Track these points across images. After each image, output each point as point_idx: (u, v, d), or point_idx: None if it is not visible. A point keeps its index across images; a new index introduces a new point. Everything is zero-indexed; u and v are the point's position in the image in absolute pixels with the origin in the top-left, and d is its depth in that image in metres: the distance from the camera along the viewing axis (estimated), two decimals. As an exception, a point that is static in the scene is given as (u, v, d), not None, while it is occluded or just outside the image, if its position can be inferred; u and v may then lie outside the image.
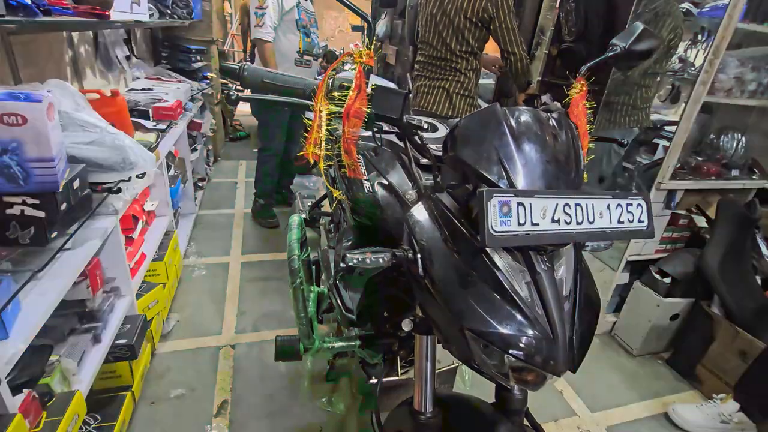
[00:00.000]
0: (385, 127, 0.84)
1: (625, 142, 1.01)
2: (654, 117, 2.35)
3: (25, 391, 0.97)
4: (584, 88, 0.89)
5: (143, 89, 2.54)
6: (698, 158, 2.05)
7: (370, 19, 0.78)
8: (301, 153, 0.67)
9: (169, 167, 2.31)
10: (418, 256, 0.67)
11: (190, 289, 2.27)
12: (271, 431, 1.53)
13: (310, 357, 1.05)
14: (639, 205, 0.66)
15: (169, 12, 2.46)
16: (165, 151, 2.08)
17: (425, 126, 0.79)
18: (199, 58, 3.38)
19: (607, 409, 1.78)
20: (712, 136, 2.08)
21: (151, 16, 2.03)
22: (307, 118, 0.66)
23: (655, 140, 2.27)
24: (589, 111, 0.91)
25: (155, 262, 1.92)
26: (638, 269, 2.11)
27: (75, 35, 1.96)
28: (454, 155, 0.66)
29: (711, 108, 1.96)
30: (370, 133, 1.01)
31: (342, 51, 6.33)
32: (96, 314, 1.36)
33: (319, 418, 1.60)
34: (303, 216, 1.72)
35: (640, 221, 0.66)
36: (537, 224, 0.57)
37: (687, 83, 1.99)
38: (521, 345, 0.59)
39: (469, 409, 0.89)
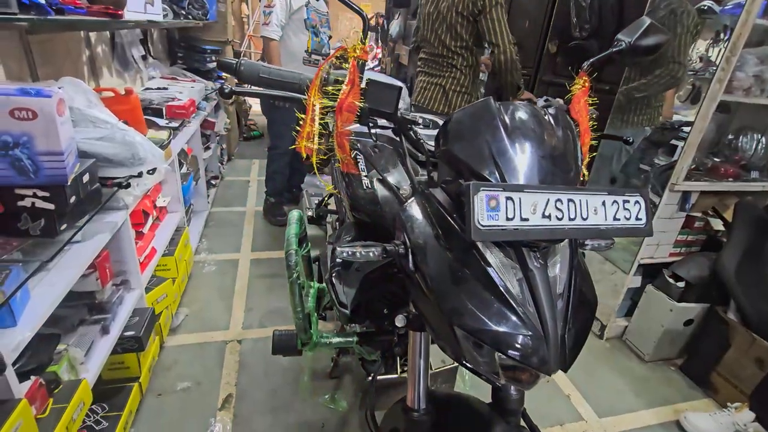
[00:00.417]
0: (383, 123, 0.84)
1: (631, 141, 0.99)
2: (674, 117, 2.30)
3: (33, 377, 1.00)
4: (587, 84, 0.87)
5: (158, 88, 2.60)
6: (715, 159, 1.99)
7: (365, 15, 0.78)
8: (292, 146, 0.67)
9: (181, 165, 2.35)
10: (409, 251, 0.67)
11: (200, 285, 2.31)
12: (273, 426, 1.54)
13: (309, 352, 1.05)
14: (636, 202, 0.64)
15: (184, 13, 2.50)
16: (177, 149, 2.12)
17: (419, 121, 0.79)
18: (214, 58, 3.44)
19: (616, 414, 1.74)
20: (730, 137, 2.02)
21: (165, 16, 2.07)
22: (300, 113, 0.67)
23: (674, 141, 2.21)
24: (592, 107, 0.89)
25: (166, 257, 1.96)
26: (651, 272, 2.06)
27: (92, 35, 2.02)
28: (446, 149, 0.65)
29: (729, 107, 1.91)
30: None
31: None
32: (105, 306, 1.40)
33: (322, 415, 1.60)
34: (309, 213, 1.74)
35: (637, 219, 0.64)
36: (526, 219, 0.56)
37: (708, 83, 1.93)
38: (511, 343, 0.58)
39: (464, 409, 0.88)
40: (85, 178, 1.15)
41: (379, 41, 5.82)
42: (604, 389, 1.86)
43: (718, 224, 2.04)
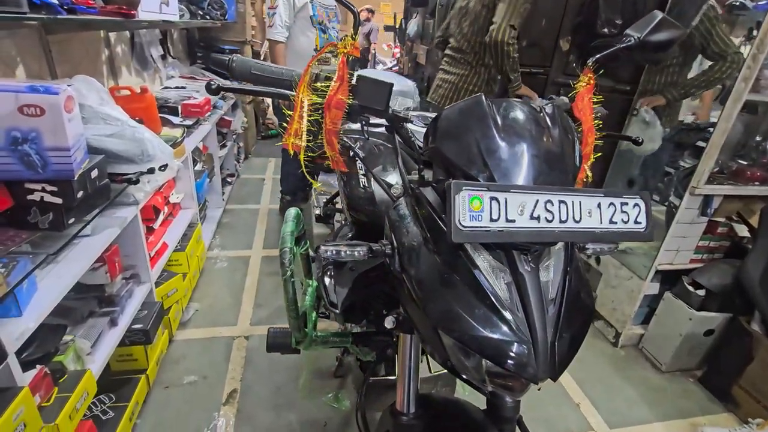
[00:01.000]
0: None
1: (641, 141, 0.94)
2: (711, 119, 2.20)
3: (38, 366, 1.03)
4: (591, 82, 0.84)
5: (176, 87, 2.66)
6: (741, 162, 1.89)
7: (356, 10, 0.78)
8: (279, 143, 0.67)
9: (195, 162, 2.39)
10: (396, 251, 0.65)
11: (212, 280, 2.34)
12: (276, 423, 1.55)
13: (305, 350, 1.05)
14: (636, 204, 0.61)
15: (201, 13, 2.55)
16: (191, 147, 2.15)
17: (412, 118, 0.77)
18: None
19: (627, 426, 1.68)
20: (758, 138, 1.92)
21: (181, 16, 2.11)
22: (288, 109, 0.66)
23: (701, 143, 2.13)
24: (597, 105, 0.85)
25: (177, 253, 1.99)
26: (670, 279, 1.98)
27: (112, 35, 2.07)
28: (435, 147, 0.63)
29: (756, 108, 1.81)
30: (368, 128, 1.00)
31: (373, 51, 6.37)
32: (114, 299, 1.43)
33: (325, 414, 1.60)
34: (317, 212, 1.74)
35: (636, 222, 0.61)
36: (513, 221, 0.54)
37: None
38: (496, 349, 0.56)
39: (458, 414, 0.86)
40: (94, 173, 1.17)
41: (397, 41, 5.82)
42: (617, 399, 1.80)
43: (743, 230, 1.95)
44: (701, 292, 1.85)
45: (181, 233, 2.06)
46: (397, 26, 5.80)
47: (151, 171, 1.50)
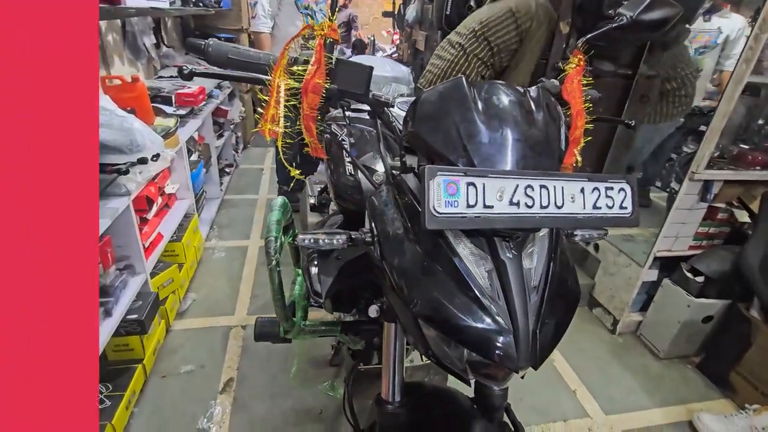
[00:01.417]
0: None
1: (633, 124, 0.92)
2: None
3: (29, 357, 1.03)
4: (581, 63, 0.81)
5: (170, 77, 2.63)
6: (743, 146, 1.85)
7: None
8: (255, 129, 0.65)
9: (190, 152, 2.38)
10: (376, 240, 0.64)
11: (209, 271, 2.35)
12: (271, 411, 1.56)
13: (295, 339, 1.05)
14: (621, 189, 0.59)
15: (194, 0, 2.50)
16: (186, 137, 2.14)
17: (395, 103, 0.75)
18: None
19: (624, 412, 1.68)
20: (760, 122, 1.88)
21: (172, 3, 2.07)
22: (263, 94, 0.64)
23: (703, 128, 2.09)
24: (587, 87, 0.83)
25: (173, 243, 1.99)
26: (668, 266, 1.96)
27: (102, 23, 2.04)
28: (413, 132, 0.62)
29: (759, 90, 1.77)
30: (357, 115, 0.98)
31: (372, 37, 6.28)
32: (108, 289, 1.43)
33: (321, 402, 1.61)
34: (311, 201, 1.72)
35: (622, 207, 0.59)
36: (491, 206, 0.52)
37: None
38: (476, 338, 0.55)
39: (446, 403, 0.86)
40: (81, 164, 1.16)
41: (396, 27, 5.73)
42: (614, 386, 1.80)
43: (743, 216, 1.92)
44: (700, 279, 1.83)
45: (177, 224, 2.05)
46: (395, 12, 5.70)
47: (142, 161, 1.48)
